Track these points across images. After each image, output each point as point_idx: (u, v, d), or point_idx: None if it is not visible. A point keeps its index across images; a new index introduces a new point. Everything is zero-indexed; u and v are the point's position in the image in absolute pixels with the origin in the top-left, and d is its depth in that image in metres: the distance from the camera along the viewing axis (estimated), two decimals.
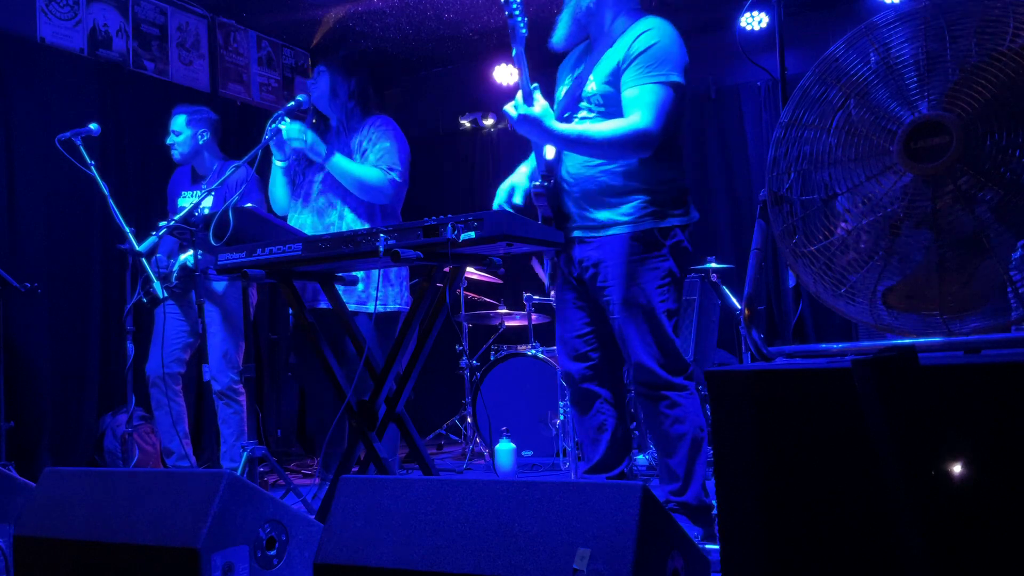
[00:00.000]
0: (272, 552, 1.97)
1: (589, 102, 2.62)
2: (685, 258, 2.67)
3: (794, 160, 1.53)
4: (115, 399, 4.76)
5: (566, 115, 2.66)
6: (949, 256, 1.37)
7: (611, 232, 2.59)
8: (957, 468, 1.21)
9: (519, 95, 2.53)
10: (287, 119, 3.35)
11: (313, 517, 2.45)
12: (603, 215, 2.60)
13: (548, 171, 2.71)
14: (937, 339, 1.41)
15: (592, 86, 2.61)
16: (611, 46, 2.59)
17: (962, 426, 1.23)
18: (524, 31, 2.52)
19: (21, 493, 2.33)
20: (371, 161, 3.43)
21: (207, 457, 5.07)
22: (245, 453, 3.06)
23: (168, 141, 4.14)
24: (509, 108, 2.55)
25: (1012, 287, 1.34)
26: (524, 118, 2.51)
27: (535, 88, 2.54)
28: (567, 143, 2.56)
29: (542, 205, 2.67)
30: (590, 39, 2.74)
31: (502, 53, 6.55)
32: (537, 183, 2.68)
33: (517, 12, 2.51)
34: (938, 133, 1.36)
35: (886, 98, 1.43)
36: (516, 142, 6.50)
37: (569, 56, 2.83)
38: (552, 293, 2.87)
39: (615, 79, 2.56)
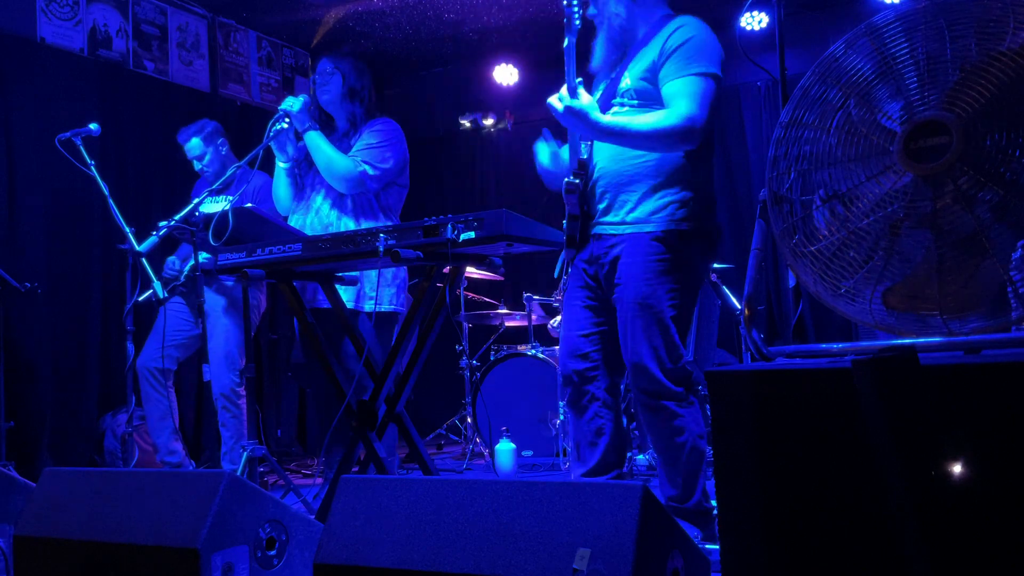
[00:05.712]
0: (272, 552, 1.97)
1: (623, 97, 2.58)
2: (705, 269, 2.63)
3: (794, 160, 1.52)
4: (115, 399, 4.76)
5: None
6: (949, 256, 1.37)
7: (634, 230, 2.53)
8: (957, 468, 1.21)
9: (564, 88, 2.49)
10: (286, 120, 3.35)
11: (313, 517, 2.45)
12: (629, 212, 2.55)
13: (580, 167, 2.66)
14: (937, 339, 1.41)
15: (627, 82, 2.58)
16: (645, 45, 2.57)
17: (962, 426, 1.23)
18: (579, 23, 2.49)
19: (21, 493, 2.32)
20: (351, 153, 3.40)
21: (207, 457, 5.07)
22: (245, 453, 3.06)
23: (197, 168, 4.23)
24: (554, 100, 2.50)
25: (1012, 287, 1.34)
26: (570, 110, 2.47)
27: (580, 83, 2.50)
28: (611, 135, 2.51)
29: (571, 202, 2.62)
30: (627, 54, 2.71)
31: (502, 53, 6.55)
32: (569, 179, 2.63)
33: (576, 2, 2.47)
34: (938, 133, 1.36)
35: (886, 98, 1.43)
36: (516, 142, 6.54)
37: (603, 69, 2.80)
38: (563, 287, 2.83)
39: (651, 75, 2.53)
